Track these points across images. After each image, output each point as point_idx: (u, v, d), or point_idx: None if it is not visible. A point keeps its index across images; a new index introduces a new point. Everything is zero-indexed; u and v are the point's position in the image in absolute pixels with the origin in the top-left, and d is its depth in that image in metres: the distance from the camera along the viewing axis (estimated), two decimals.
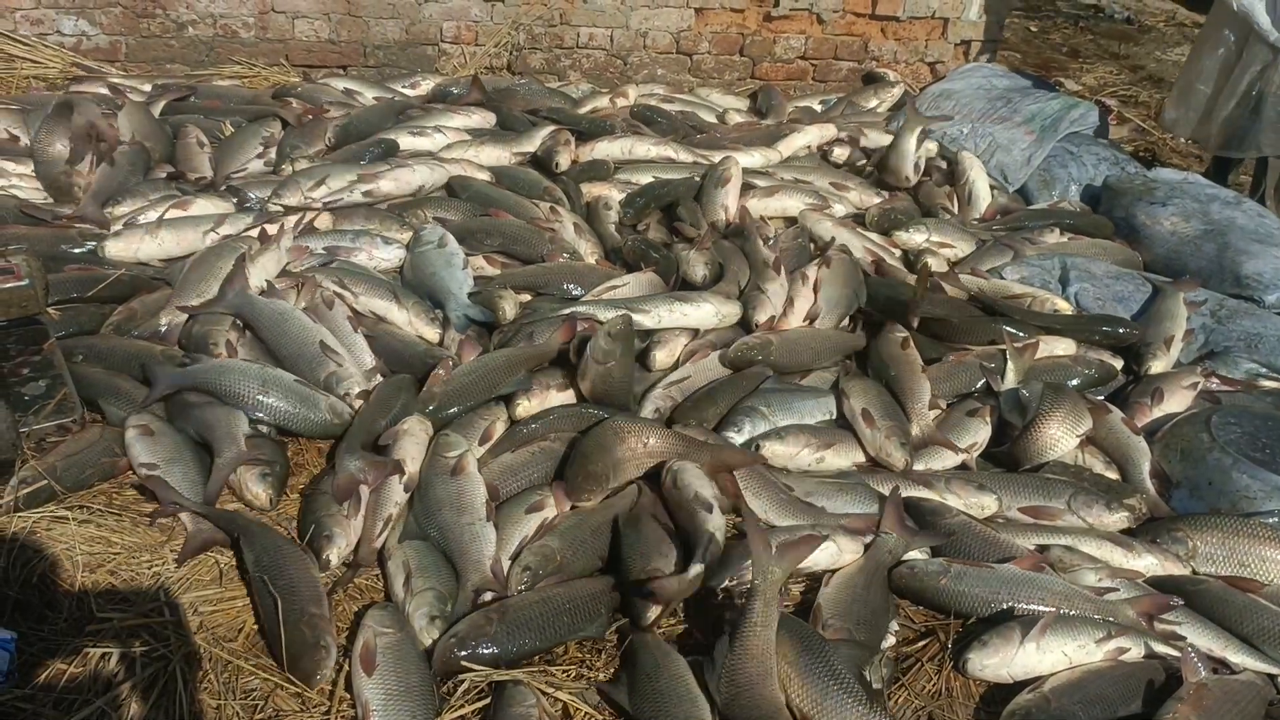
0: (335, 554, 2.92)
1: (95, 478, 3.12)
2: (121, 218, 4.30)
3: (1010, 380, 3.77)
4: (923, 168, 5.50)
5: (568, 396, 3.61)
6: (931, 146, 5.71)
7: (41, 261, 3.38)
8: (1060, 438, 3.50)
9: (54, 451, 3.13)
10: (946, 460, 3.52)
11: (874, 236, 4.83)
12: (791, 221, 4.95)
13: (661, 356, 3.84)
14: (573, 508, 3.14)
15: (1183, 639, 2.88)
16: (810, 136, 5.74)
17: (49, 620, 2.62)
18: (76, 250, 4.06)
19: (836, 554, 3.02)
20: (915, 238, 4.79)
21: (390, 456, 3.16)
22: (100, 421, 3.35)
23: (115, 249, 4.08)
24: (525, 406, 3.51)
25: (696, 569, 2.82)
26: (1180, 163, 6.48)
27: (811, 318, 4.11)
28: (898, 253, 4.76)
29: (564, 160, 5.07)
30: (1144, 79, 8.17)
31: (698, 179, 5.04)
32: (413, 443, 3.23)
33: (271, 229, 4.18)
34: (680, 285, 4.24)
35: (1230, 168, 5.94)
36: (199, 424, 3.31)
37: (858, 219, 5.02)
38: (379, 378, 3.56)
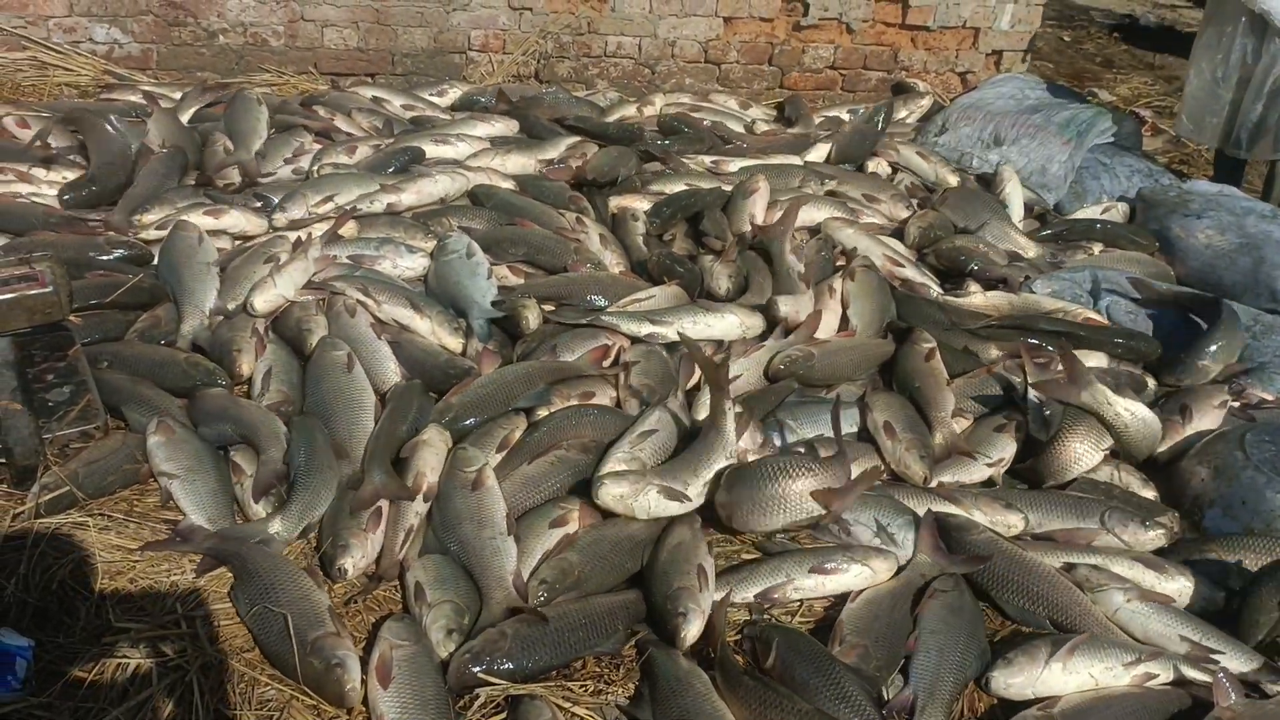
0: (350, 564, 2.91)
1: (117, 484, 3.13)
2: (151, 225, 4.31)
3: (1033, 396, 3.71)
4: None
5: None
6: (953, 179, 5.60)
7: (65, 268, 3.39)
8: (1084, 454, 3.44)
9: (76, 458, 3.13)
10: (974, 476, 3.47)
11: (897, 245, 4.78)
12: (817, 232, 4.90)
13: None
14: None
15: (1215, 662, 2.81)
16: None
17: (67, 628, 2.62)
18: (104, 257, 4.07)
19: (871, 576, 2.98)
20: None
21: (410, 470, 3.16)
22: (123, 428, 3.36)
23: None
24: None
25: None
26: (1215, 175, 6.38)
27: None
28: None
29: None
30: (1178, 90, 8.04)
31: (727, 189, 5.02)
32: (432, 453, 3.21)
33: (303, 235, 4.23)
34: (704, 297, 4.20)
35: (1242, 167, 5.84)
36: (239, 423, 3.34)
37: (896, 233, 4.97)
38: None
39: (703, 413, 3.57)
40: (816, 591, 2.97)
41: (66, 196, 4.47)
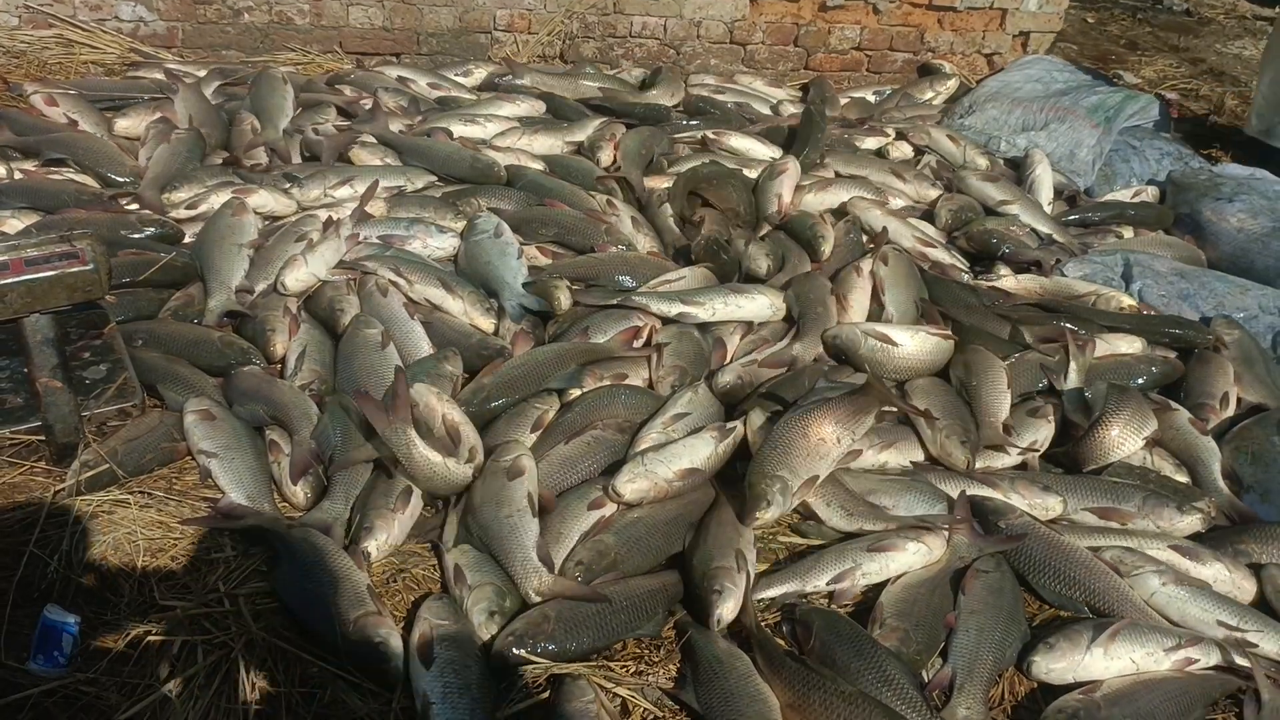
0: (375, 547, 2.90)
1: (155, 463, 3.13)
2: (180, 203, 4.32)
3: (1073, 380, 3.69)
4: None
5: None
6: (982, 161, 5.56)
7: (105, 246, 3.39)
8: (1125, 439, 3.42)
9: (115, 436, 3.14)
10: (1007, 461, 3.45)
11: (926, 227, 4.76)
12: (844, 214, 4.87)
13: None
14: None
15: (1255, 646, 2.81)
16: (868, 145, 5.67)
17: (111, 605, 2.63)
18: (135, 235, 4.07)
19: (928, 553, 2.98)
20: None
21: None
22: (159, 406, 3.37)
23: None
24: None
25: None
26: (1245, 158, 6.33)
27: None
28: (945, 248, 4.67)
29: (605, 156, 5.05)
30: (1204, 72, 8.00)
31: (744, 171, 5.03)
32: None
33: (334, 214, 4.24)
34: (744, 279, 4.19)
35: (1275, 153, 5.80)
36: (271, 403, 3.33)
37: (926, 216, 4.95)
38: None
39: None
40: (881, 574, 2.95)
41: None
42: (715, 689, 2.52)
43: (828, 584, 2.92)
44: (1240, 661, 2.74)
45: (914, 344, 3.71)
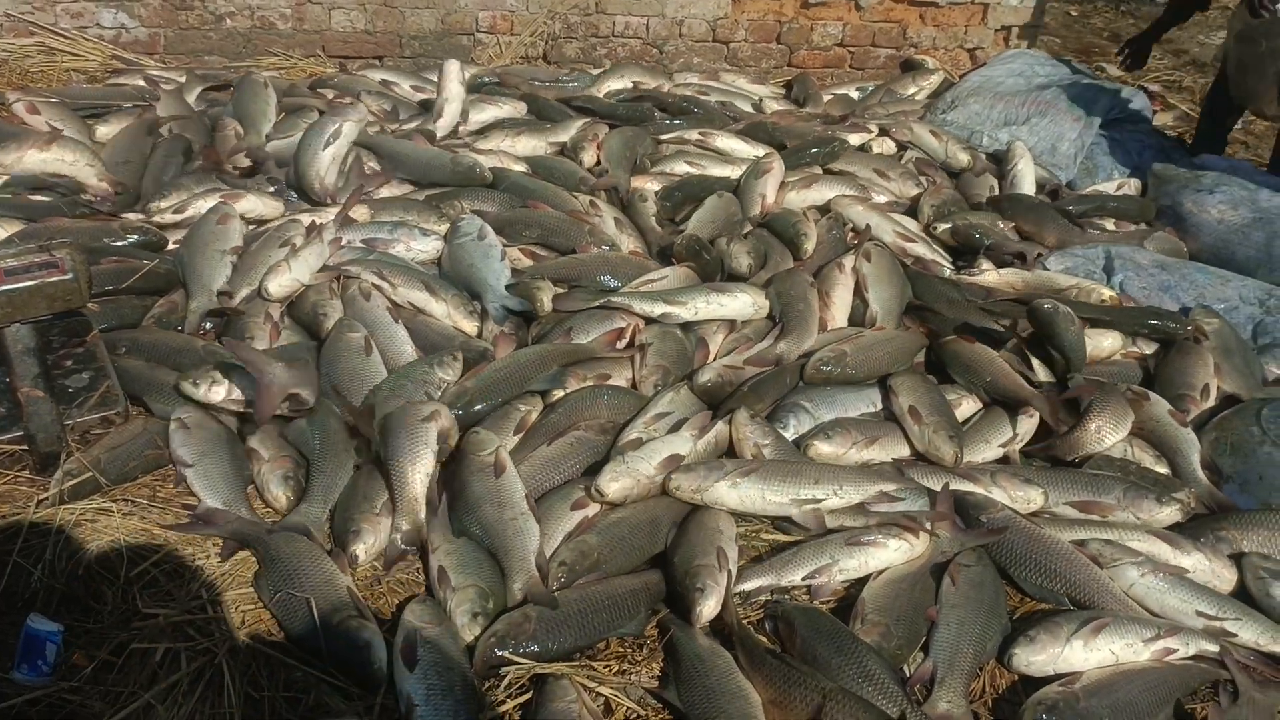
0: (362, 550, 2.91)
1: (138, 470, 3.13)
2: (165, 209, 4.32)
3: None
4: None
5: None
6: (964, 156, 5.55)
7: (85, 255, 3.40)
8: (1106, 432, 3.44)
9: (98, 444, 3.14)
10: (987, 455, 3.47)
11: (908, 222, 4.78)
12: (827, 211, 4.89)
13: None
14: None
15: (1233, 636, 2.83)
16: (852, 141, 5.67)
17: (94, 613, 2.64)
18: (118, 243, 4.06)
19: (909, 549, 3.00)
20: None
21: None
22: (143, 414, 3.37)
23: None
24: None
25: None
26: (1226, 150, 6.37)
27: (870, 323, 4.04)
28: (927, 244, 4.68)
29: (588, 157, 5.06)
30: (1187, 64, 8.03)
31: (730, 169, 5.06)
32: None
33: (318, 219, 4.24)
34: (726, 277, 4.20)
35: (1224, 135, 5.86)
36: None
37: (909, 212, 4.96)
38: None
39: None
40: (860, 570, 2.96)
41: None
42: (697, 687, 2.54)
43: (804, 579, 2.94)
44: (1214, 650, 2.77)
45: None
